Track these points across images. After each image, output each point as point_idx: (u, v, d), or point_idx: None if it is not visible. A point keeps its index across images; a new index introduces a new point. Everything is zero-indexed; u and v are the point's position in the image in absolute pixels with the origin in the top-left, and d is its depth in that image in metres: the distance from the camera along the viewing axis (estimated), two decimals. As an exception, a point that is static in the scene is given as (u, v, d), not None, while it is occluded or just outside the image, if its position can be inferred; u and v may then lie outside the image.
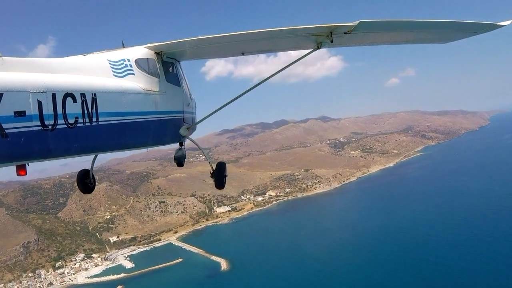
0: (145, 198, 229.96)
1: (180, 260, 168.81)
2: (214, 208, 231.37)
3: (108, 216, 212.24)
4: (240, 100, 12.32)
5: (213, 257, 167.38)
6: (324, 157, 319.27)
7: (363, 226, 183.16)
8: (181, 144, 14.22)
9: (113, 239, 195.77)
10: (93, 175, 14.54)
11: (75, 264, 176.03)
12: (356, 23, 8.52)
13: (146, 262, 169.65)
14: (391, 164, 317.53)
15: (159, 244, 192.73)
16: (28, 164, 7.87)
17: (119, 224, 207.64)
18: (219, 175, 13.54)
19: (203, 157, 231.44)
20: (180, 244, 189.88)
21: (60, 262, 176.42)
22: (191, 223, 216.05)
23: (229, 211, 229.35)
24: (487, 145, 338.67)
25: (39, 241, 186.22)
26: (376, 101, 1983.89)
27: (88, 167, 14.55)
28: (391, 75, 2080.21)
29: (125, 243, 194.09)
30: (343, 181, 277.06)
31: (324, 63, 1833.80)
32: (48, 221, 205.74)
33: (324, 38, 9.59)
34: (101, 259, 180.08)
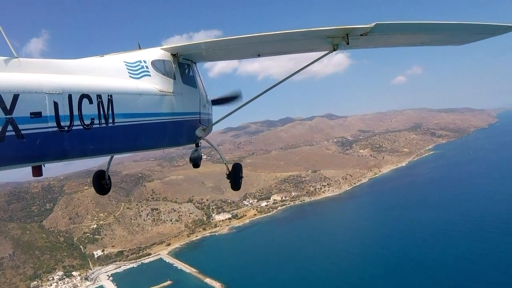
0: (137, 205, 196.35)
1: (168, 283, 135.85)
2: (213, 215, 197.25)
3: (95, 226, 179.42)
4: (245, 98, 11.54)
5: (207, 280, 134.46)
6: (332, 156, 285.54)
7: (381, 239, 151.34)
8: (197, 145, 12.65)
9: (98, 253, 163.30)
10: (109, 176, 13.49)
11: (51, 285, 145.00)
12: (372, 25, 7.81)
13: (130, 284, 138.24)
14: (403, 164, 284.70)
15: (148, 260, 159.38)
16: (44, 165, 7.34)
17: (105, 235, 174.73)
18: (235, 176, 12.38)
19: (205, 157, 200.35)
20: (171, 260, 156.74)
21: (36, 282, 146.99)
22: (186, 233, 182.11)
23: (229, 218, 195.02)
24: (500, 143, 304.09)
25: (15, 256, 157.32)
26: (383, 98, 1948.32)
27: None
28: (397, 73, 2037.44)
29: (110, 258, 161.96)
30: (354, 183, 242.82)
31: (331, 60, 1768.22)
32: (28, 232, 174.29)
33: (340, 40, 8.84)
34: (81, 279, 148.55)
